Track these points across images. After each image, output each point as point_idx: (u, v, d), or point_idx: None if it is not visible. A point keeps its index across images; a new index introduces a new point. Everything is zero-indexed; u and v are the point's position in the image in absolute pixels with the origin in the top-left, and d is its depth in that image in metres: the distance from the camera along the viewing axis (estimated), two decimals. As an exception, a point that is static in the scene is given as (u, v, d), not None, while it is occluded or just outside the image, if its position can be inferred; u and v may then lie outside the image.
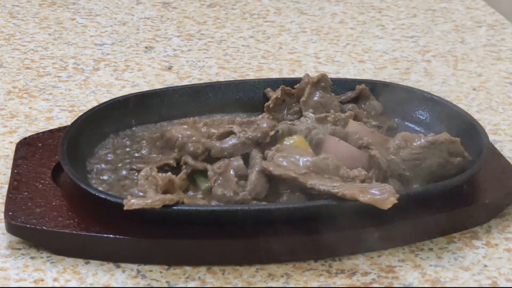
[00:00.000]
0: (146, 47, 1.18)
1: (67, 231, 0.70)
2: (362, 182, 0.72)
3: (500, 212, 0.77)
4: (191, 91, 0.92)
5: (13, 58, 1.13)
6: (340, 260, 0.70)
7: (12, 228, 0.71)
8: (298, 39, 1.21)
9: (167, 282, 0.68)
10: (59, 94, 1.02)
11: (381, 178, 0.74)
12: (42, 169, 0.79)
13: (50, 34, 1.22)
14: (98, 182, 0.78)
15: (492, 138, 0.89)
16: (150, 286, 0.67)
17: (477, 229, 0.75)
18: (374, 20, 1.30)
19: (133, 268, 0.69)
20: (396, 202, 0.66)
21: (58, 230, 0.70)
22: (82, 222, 0.71)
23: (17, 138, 0.89)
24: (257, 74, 1.08)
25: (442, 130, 0.81)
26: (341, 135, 0.79)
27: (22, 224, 0.70)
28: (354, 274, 0.69)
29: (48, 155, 0.81)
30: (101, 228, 0.70)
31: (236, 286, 0.67)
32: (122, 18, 1.30)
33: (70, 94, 1.02)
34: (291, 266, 0.70)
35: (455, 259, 0.71)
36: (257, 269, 0.69)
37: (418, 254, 0.71)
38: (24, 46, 1.18)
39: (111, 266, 0.69)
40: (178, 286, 0.67)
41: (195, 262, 0.70)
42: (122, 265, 0.69)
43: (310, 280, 0.68)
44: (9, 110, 0.98)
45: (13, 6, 1.34)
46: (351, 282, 0.68)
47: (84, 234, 0.70)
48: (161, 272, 0.69)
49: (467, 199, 0.76)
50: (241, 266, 0.70)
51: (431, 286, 0.67)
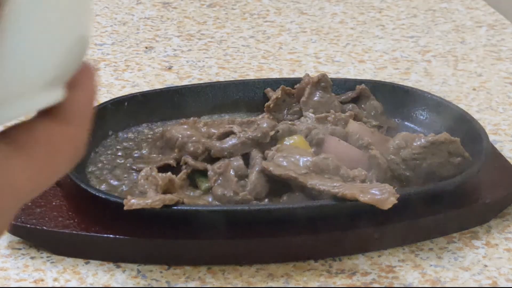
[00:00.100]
0: (146, 47, 1.18)
1: (67, 231, 0.70)
2: (362, 182, 0.72)
3: (500, 212, 0.77)
4: (191, 91, 0.92)
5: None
6: (340, 260, 0.70)
7: (12, 228, 0.71)
8: (298, 39, 1.21)
9: (167, 282, 0.68)
10: (59, 94, 1.02)
11: (381, 178, 0.74)
12: (42, 169, 0.79)
13: (50, 34, 1.22)
14: (98, 182, 0.78)
15: (492, 138, 0.88)
16: (150, 286, 0.67)
17: (477, 229, 0.75)
18: (374, 20, 1.30)
19: (133, 268, 0.69)
20: (396, 202, 0.66)
21: (58, 230, 0.70)
22: (82, 222, 0.71)
23: (17, 138, 0.89)
24: (257, 74, 1.08)
25: (442, 130, 0.81)
26: (341, 135, 0.79)
27: (22, 224, 0.70)
28: (354, 274, 0.69)
29: (48, 155, 0.81)
30: (101, 228, 0.70)
31: (236, 286, 0.67)
32: (122, 18, 1.30)
33: (70, 94, 1.02)
34: (291, 266, 0.70)
35: (455, 259, 0.71)
36: (257, 269, 0.69)
37: (418, 254, 0.71)
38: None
39: (111, 266, 0.69)
40: (178, 286, 0.67)
41: (195, 262, 0.70)
42: (122, 265, 0.69)
43: (310, 280, 0.68)
44: (9, 110, 0.98)
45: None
46: (351, 282, 0.68)
47: (84, 234, 0.70)
48: (161, 272, 0.69)
49: (467, 199, 0.76)
50: (241, 266, 0.69)
51: (431, 286, 0.67)
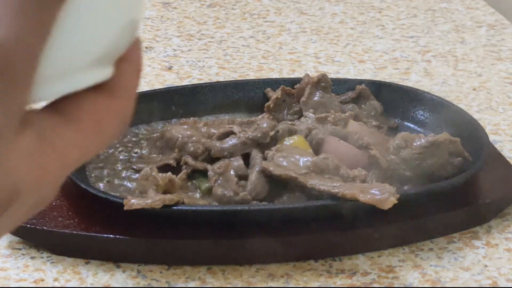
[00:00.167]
0: (146, 47, 1.18)
1: (67, 231, 0.70)
2: (362, 182, 0.72)
3: (500, 212, 0.77)
4: (191, 91, 0.92)
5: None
6: (340, 260, 0.70)
7: (12, 228, 0.71)
8: (298, 39, 1.21)
9: (167, 282, 0.68)
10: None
11: (381, 178, 0.74)
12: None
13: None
14: (98, 182, 0.78)
15: (492, 138, 0.88)
16: (150, 286, 0.67)
17: (477, 229, 0.75)
18: (374, 20, 1.30)
19: (133, 268, 0.69)
20: (396, 202, 0.66)
21: (58, 230, 0.70)
22: (82, 222, 0.71)
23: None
24: (257, 74, 1.08)
25: (442, 130, 0.81)
26: (341, 135, 0.79)
27: (22, 224, 0.70)
28: (354, 274, 0.69)
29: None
30: (101, 228, 0.70)
31: (236, 286, 0.67)
32: (122, 18, 1.30)
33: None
34: (291, 266, 0.70)
35: (455, 259, 0.71)
36: (257, 269, 0.69)
37: (418, 254, 0.71)
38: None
39: (111, 266, 0.69)
40: (178, 286, 0.67)
41: (195, 262, 0.69)
42: (122, 265, 0.69)
43: (310, 280, 0.68)
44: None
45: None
46: (351, 282, 0.68)
47: (84, 234, 0.70)
48: (161, 272, 0.69)
49: (467, 199, 0.76)
50: (241, 266, 0.69)
51: (431, 286, 0.67)
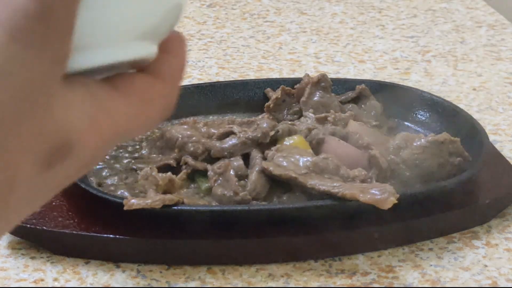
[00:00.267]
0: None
1: (67, 231, 0.70)
2: (362, 182, 0.72)
3: (500, 212, 0.77)
4: (191, 91, 0.92)
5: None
6: (340, 260, 0.70)
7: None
8: (298, 39, 1.21)
9: (167, 282, 0.68)
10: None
11: (381, 178, 0.74)
12: (42, 169, 0.79)
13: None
14: (98, 182, 0.78)
15: (492, 138, 0.88)
16: (150, 286, 0.67)
17: (477, 229, 0.75)
18: (374, 20, 1.30)
19: (133, 268, 0.69)
20: (396, 202, 0.66)
21: (58, 230, 0.70)
22: (82, 222, 0.71)
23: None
24: (257, 74, 1.08)
25: (442, 130, 0.81)
26: (341, 135, 0.79)
27: (22, 224, 0.70)
28: (354, 274, 0.69)
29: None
30: (101, 228, 0.70)
31: (236, 286, 0.67)
32: (122, 18, 1.30)
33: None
34: (291, 266, 0.70)
35: (455, 259, 0.71)
36: (257, 269, 0.69)
37: (418, 254, 0.71)
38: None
39: (111, 266, 0.69)
40: (178, 286, 0.67)
41: (195, 262, 0.69)
42: (122, 265, 0.69)
43: (310, 280, 0.68)
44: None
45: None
46: (351, 282, 0.68)
47: (84, 234, 0.70)
48: (161, 272, 0.69)
49: (467, 199, 0.76)
50: (241, 266, 0.69)
51: (431, 286, 0.67)
